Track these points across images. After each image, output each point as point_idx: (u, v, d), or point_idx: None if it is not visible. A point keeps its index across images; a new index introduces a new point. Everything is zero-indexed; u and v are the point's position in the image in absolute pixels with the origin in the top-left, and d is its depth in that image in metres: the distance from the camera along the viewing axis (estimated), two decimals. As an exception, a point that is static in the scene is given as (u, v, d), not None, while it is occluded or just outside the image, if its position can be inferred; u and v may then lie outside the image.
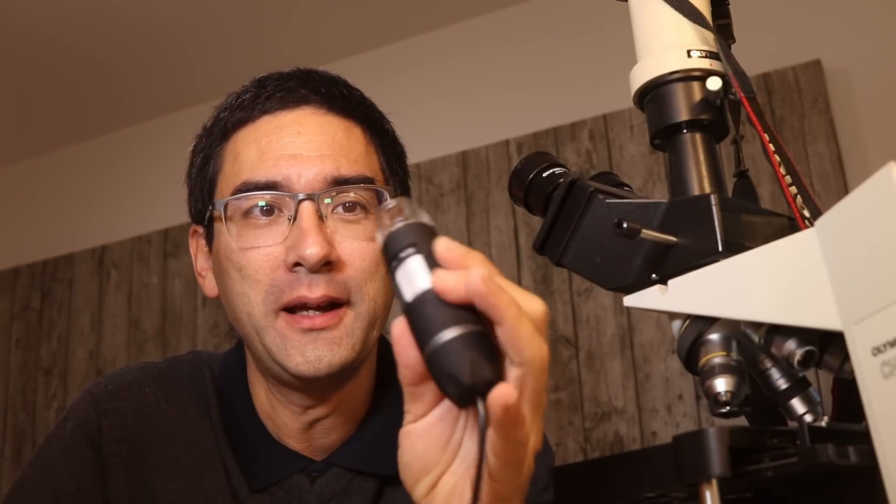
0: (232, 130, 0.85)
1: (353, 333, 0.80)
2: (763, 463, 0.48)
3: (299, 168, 0.80)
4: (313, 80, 0.86)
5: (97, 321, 3.03)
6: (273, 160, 0.81)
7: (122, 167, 3.31)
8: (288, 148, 0.81)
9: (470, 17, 2.88)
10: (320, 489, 0.85)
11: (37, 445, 0.90)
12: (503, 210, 2.54)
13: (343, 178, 0.81)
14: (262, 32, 2.87)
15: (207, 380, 0.91)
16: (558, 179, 0.65)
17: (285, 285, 0.79)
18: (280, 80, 0.86)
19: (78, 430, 0.86)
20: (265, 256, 0.80)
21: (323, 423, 0.86)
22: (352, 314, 0.80)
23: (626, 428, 2.28)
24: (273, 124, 0.83)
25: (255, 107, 0.84)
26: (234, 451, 0.86)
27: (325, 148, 0.82)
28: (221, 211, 0.82)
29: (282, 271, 0.79)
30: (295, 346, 0.79)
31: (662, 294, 0.57)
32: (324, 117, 0.84)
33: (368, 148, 0.86)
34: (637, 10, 0.64)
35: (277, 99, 0.84)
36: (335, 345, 0.79)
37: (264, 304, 0.80)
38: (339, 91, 0.86)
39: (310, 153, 0.81)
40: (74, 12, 2.73)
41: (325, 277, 0.78)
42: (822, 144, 2.25)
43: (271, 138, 0.82)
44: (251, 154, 0.82)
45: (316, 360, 0.78)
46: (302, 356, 0.78)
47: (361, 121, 0.86)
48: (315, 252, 0.77)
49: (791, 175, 0.58)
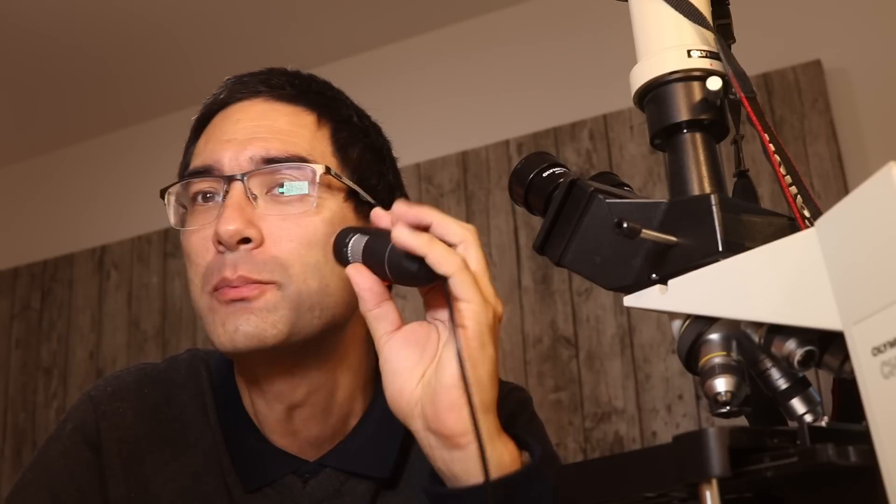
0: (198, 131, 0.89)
1: (274, 310, 0.79)
2: (763, 463, 0.48)
3: (230, 151, 0.82)
4: (268, 74, 0.89)
5: (97, 321, 3.03)
6: (211, 146, 0.84)
7: (122, 167, 3.31)
8: (225, 134, 0.84)
9: (470, 17, 2.88)
10: (312, 491, 0.85)
11: (37, 446, 0.91)
12: (503, 210, 2.54)
13: (271, 158, 0.82)
14: (262, 32, 2.87)
15: (204, 378, 0.91)
16: (558, 179, 0.65)
17: (214, 267, 0.80)
18: (238, 77, 0.89)
19: (77, 431, 0.86)
20: (202, 239, 0.82)
21: (300, 413, 0.85)
22: (277, 293, 0.79)
23: (626, 428, 2.28)
24: (222, 116, 0.87)
25: (214, 103, 0.88)
26: (229, 452, 0.86)
27: (260, 131, 0.84)
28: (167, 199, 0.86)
29: (212, 253, 0.80)
30: (218, 318, 0.79)
31: (662, 294, 0.57)
32: (268, 104, 0.86)
33: (318, 133, 0.86)
34: (637, 9, 0.64)
35: (229, 92, 0.88)
36: (252, 315, 0.78)
37: (202, 287, 0.81)
38: (292, 81, 0.88)
39: (243, 137, 0.83)
40: (74, 12, 2.73)
41: (245, 256, 0.79)
42: (822, 144, 2.25)
43: (215, 128, 0.86)
44: (200, 145, 0.87)
45: (232, 331, 0.78)
46: (222, 327, 0.79)
47: (313, 106, 0.87)
48: (227, 228, 0.78)
49: (791, 175, 0.58)
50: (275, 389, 0.84)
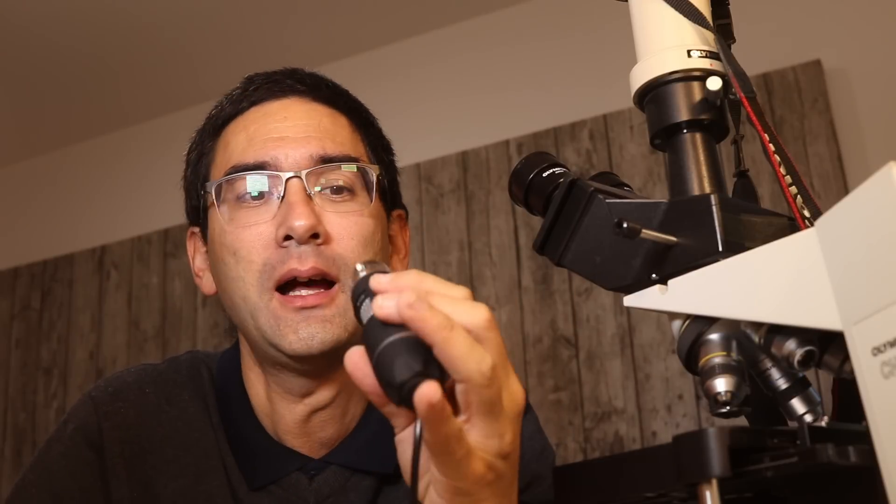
0: (222, 125, 0.89)
1: (345, 314, 0.81)
2: (763, 463, 0.48)
3: (286, 149, 0.83)
4: (299, 74, 0.90)
5: (97, 321, 3.03)
6: (261, 143, 0.84)
7: (122, 167, 3.31)
8: (275, 132, 0.85)
9: (470, 17, 2.88)
10: (318, 487, 0.85)
11: (37, 446, 0.91)
12: (503, 210, 2.54)
13: (329, 157, 0.84)
14: (262, 32, 2.87)
15: (206, 379, 0.92)
16: (558, 179, 0.65)
17: (277, 261, 0.80)
18: (267, 76, 0.89)
19: (78, 431, 0.86)
20: (257, 236, 0.82)
21: (320, 415, 0.86)
22: (343, 295, 0.81)
23: (626, 428, 2.28)
24: (261, 112, 0.87)
25: (244, 99, 0.88)
26: (232, 450, 0.87)
27: (311, 130, 0.85)
28: (213, 194, 0.85)
29: (273, 249, 0.81)
30: (288, 324, 0.80)
31: (662, 294, 0.57)
32: (309, 104, 0.88)
33: (354, 135, 0.89)
34: (637, 9, 0.64)
35: (265, 90, 0.88)
36: (327, 322, 0.80)
37: (259, 283, 0.81)
38: (323, 83, 0.90)
39: (296, 135, 0.84)
40: (75, 12, 2.73)
41: (315, 250, 0.80)
42: (822, 144, 2.25)
43: (259, 125, 0.86)
44: (241, 141, 0.86)
45: (308, 338, 0.79)
46: (295, 334, 0.80)
47: (346, 110, 0.89)
48: (303, 223, 0.79)
49: (791, 175, 0.58)
50: (304, 392, 0.85)
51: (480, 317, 0.53)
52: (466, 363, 0.51)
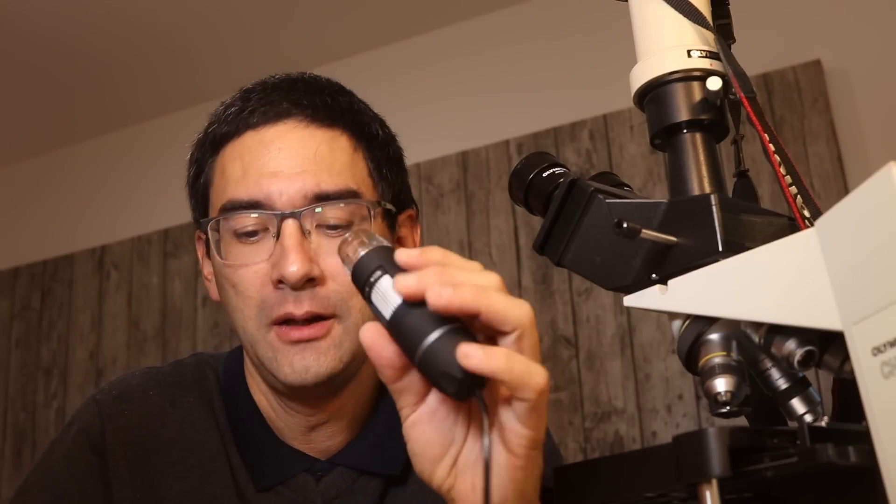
0: (220, 144, 0.86)
1: (340, 345, 0.81)
2: (763, 463, 0.48)
3: (280, 185, 0.81)
4: (297, 91, 0.86)
5: (97, 321, 3.03)
6: (255, 178, 0.82)
7: (122, 167, 3.31)
8: (269, 165, 0.82)
9: (470, 18, 2.88)
10: (325, 488, 0.86)
11: (37, 446, 0.91)
12: (503, 210, 2.54)
13: (324, 194, 0.81)
14: (262, 32, 2.87)
15: (212, 382, 0.92)
16: (558, 179, 0.65)
17: (274, 302, 0.81)
18: (264, 93, 0.86)
19: (81, 434, 0.87)
20: (254, 274, 0.82)
21: (323, 429, 0.87)
22: (339, 327, 0.82)
23: (626, 428, 2.28)
24: (256, 140, 0.84)
25: (240, 121, 0.85)
26: (239, 451, 0.87)
27: (306, 163, 0.82)
28: (209, 231, 0.84)
29: (270, 288, 0.81)
30: (284, 356, 0.81)
31: (662, 294, 0.57)
32: (306, 130, 0.84)
33: (355, 156, 0.86)
34: (637, 10, 0.64)
35: (261, 113, 0.85)
36: (322, 355, 0.81)
37: (257, 318, 0.82)
38: (322, 100, 0.86)
39: (291, 170, 0.82)
40: (75, 12, 2.73)
41: (309, 293, 0.80)
42: (822, 144, 2.25)
43: (254, 155, 0.83)
44: (236, 171, 0.84)
45: (303, 370, 0.80)
46: (290, 366, 0.81)
47: (347, 127, 0.86)
48: (295, 271, 0.78)
49: (791, 175, 0.58)
50: (304, 411, 0.86)
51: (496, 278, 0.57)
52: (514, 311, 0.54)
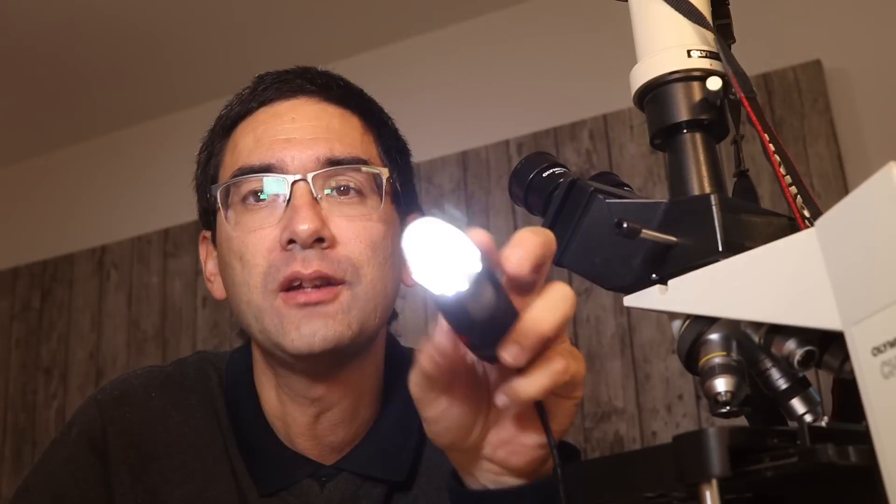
0: (232, 125, 0.87)
1: (348, 311, 0.80)
2: (763, 463, 0.48)
3: (293, 151, 0.82)
4: (310, 73, 0.88)
5: (97, 321, 3.03)
6: (268, 145, 0.83)
7: (121, 167, 3.31)
8: (282, 133, 0.83)
9: (470, 18, 2.88)
10: (329, 494, 0.85)
11: (37, 446, 0.91)
12: (503, 210, 2.54)
13: (336, 160, 0.82)
14: (262, 32, 2.87)
15: (214, 383, 0.91)
16: (558, 179, 0.65)
17: (281, 263, 0.79)
18: (278, 75, 0.88)
19: (82, 435, 0.86)
20: (262, 239, 0.81)
21: (329, 417, 0.85)
22: (348, 293, 0.80)
23: (626, 428, 2.28)
24: (269, 113, 0.85)
25: (253, 99, 0.87)
26: (243, 456, 0.86)
27: (319, 132, 0.83)
28: (219, 197, 0.83)
29: (277, 252, 0.80)
30: (291, 321, 0.79)
31: (662, 294, 0.57)
32: (318, 105, 0.86)
33: (365, 136, 0.87)
34: (637, 9, 0.64)
35: (274, 89, 0.86)
36: (329, 318, 0.79)
37: (263, 286, 0.80)
38: (335, 83, 0.88)
39: (304, 136, 0.83)
40: (74, 13, 2.73)
41: (319, 254, 0.79)
42: (822, 144, 2.25)
43: (267, 126, 0.84)
44: (248, 142, 0.84)
45: (310, 335, 0.78)
46: (297, 331, 0.79)
47: (358, 111, 0.88)
48: (306, 227, 0.78)
49: (791, 175, 0.58)
50: (312, 392, 0.84)
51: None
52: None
